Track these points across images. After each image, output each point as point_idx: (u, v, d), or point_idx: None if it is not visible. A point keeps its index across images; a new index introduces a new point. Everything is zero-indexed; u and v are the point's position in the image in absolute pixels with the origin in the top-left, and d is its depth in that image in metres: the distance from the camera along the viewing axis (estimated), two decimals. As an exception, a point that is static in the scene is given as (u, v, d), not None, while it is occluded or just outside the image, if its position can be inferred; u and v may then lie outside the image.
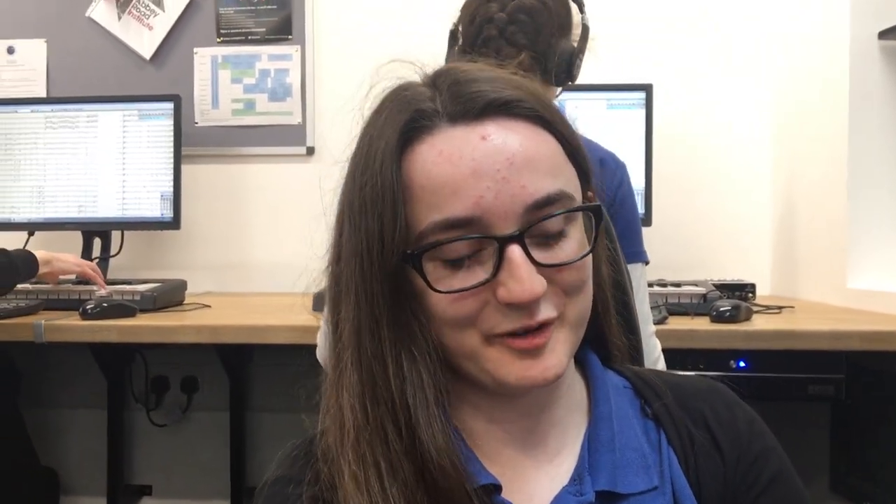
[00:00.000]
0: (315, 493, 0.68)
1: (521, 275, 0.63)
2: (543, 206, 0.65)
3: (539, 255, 0.64)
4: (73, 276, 2.15)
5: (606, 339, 0.80)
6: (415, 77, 0.73)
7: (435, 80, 0.70)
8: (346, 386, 0.68)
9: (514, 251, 0.63)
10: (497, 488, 0.68)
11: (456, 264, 0.65)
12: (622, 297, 1.27)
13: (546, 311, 0.65)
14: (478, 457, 0.70)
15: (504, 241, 0.64)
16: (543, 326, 0.65)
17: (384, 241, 0.65)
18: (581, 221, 0.69)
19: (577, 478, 0.70)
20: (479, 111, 0.66)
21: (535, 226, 0.64)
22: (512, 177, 0.64)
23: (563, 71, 1.45)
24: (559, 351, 0.66)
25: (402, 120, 0.67)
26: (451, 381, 0.69)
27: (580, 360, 0.78)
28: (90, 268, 2.12)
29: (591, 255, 0.69)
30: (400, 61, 0.74)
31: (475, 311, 0.65)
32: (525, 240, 0.64)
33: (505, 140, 0.65)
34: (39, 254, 2.00)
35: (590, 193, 0.73)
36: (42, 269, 1.99)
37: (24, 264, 1.94)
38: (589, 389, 0.76)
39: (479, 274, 0.65)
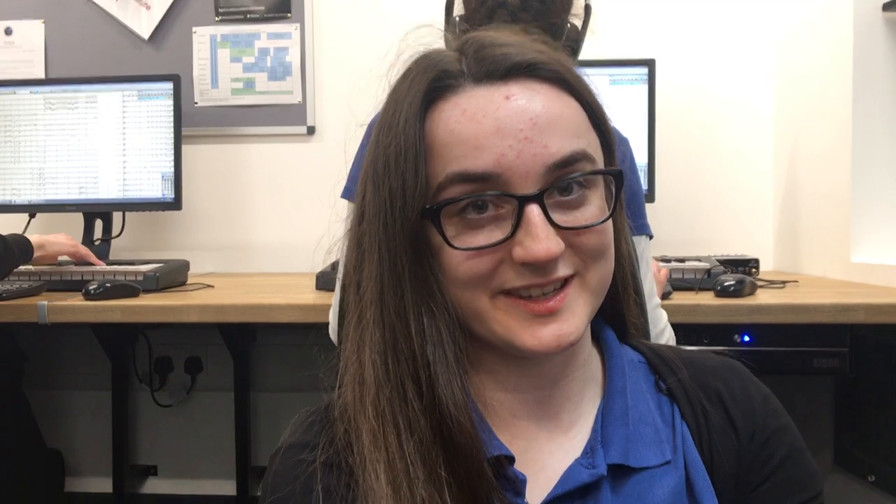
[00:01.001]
0: (329, 457, 0.68)
1: (538, 233, 0.63)
2: (565, 165, 0.65)
3: (558, 218, 0.65)
4: (70, 258, 2.16)
5: (624, 316, 0.80)
6: (440, 43, 0.73)
7: (462, 46, 0.71)
8: (369, 342, 0.68)
9: (533, 210, 0.64)
10: (510, 460, 0.68)
11: (475, 222, 0.66)
12: (631, 270, 1.27)
13: (562, 270, 0.65)
14: (491, 427, 0.70)
15: (524, 201, 0.64)
16: (559, 289, 0.66)
17: (406, 197, 0.66)
18: (602, 188, 0.69)
19: (589, 450, 0.70)
20: (503, 72, 0.67)
21: (556, 188, 0.65)
22: (535, 136, 0.64)
23: (570, 53, 1.45)
24: (578, 315, 0.67)
25: (427, 79, 0.68)
26: (468, 346, 0.70)
27: (597, 334, 0.78)
28: (83, 248, 2.15)
29: (612, 223, 0.69)
30: (428, 26, 0.74)
31: (489, 269, 0.66)
32: (545, 201, 0.64)
33: (529, 101, 0.66)
34: (33, 237, 2.02)
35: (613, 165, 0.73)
36: (37, 253, 2.01)
37: (19, 248, 1.94)
38: (604, 364, 0.76)
39: (497, 233, 0.65)
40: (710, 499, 0.69)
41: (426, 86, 0.68)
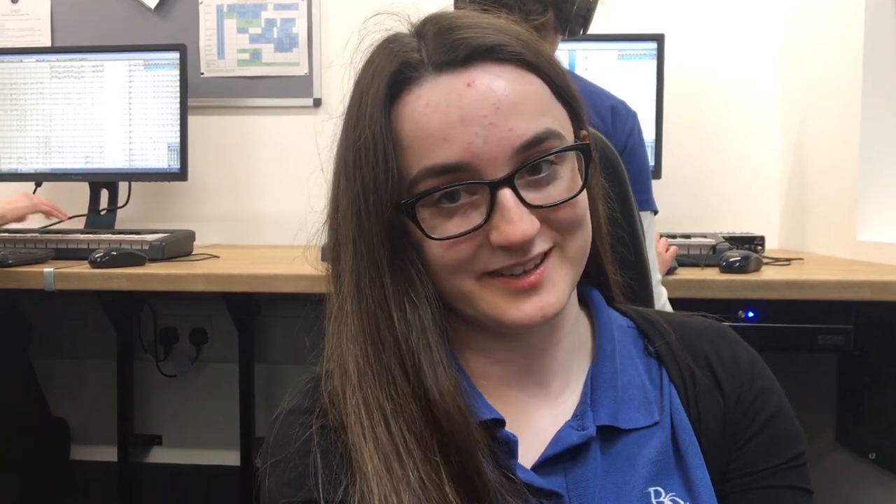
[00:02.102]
0: (326, 422, 0.70)
1: (513, 217, 0.64)
2: (532, 146, 0.66)
3: (531, 197, 0.66)
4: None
5: (607, 277, 0.81)
6: (402, 28, 0.73)
7: (420, 30, 0.71)
8: (347, 334, 0.69)
9: (506, 194, 0.65)
10: (500, 422, 0.70)
11: (451, 211, 0.67)
12: (635, 246, 1.27)
13: (540, 245, 0.67)
14: (482, 394, 0.71)
15: (495, 185, 0.65)
16: (539, 263, 0.67)
17: (379, 192, 0.67)
18: (572, 160, 0.70)
19: (579, 413, 0.72)
20: (463, 58, 0.67)
21: (526, 168, 0.66)
22: (499, 121, 0.65)
23: (580, 24, 1.45)
24: (559, 286, 0.68)
25: (389, 72, 0.68)
26: (454, 325, 0.72)
27: (584, 299, 0.79)
28: (44, 203, 2.18)
29: (586, 192, 0.70)
30: (386, 13, 0.74)
31: (470, 255, 0.67)
32: (516, 182, 0.65)
33: (490, 85, 0.66)
34: None
35: (583, 132, 0.74)
36: None
37: None
38: (593, 329, 0.78)
39: (474, 219, 0.66)
40: (696, 457, 0.71)
41: (388, 80, 0.68)
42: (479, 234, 0.66)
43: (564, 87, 0.71)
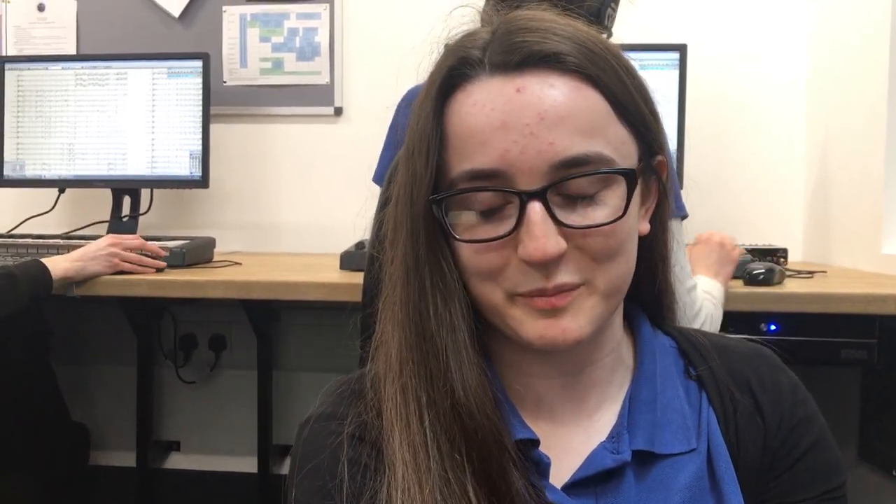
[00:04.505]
0: (355, 429, 0.70)
1: (536, 232, 0.62)
2: (572, 165, 0.63)
3: (564, 216, 0.64)
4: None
5: (661, 300, 0.79)
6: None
7: (497, 27, 0.69)
8: (394, 321, 0.70)
9: (535, 208, 0.63)
10: (535, 443, 0.69)
11: (485, 216, 0.66)
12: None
13: (564, 276, 0.64)
14: (517, 410, 0.71)
15: (525, 198, 0.63)
16: (565, 290, 0.65)
17: (415, 184, 0.68)
18: (624, 187, 0.66)
19: (615, 435, 0.70)
20: (517, 63, 0.65)
21: (562, 185, 0.63)
22: (541, 132, 0.63)
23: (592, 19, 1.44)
24: (582, 316, 0.66)
25: (448, 66, 0.68)
26: (490, 334, 0.71)
27: (629, 319, 0.78)
28: (138, 242, 1.91)
29: (649, 223, 0.70)
30: (467, 7, 0.74)
31: (498, 265, 0.66)
32: (549, 198, 0.63)
33: (540, 94, 0.64)
34: (61, 266, 1.75)
35: (660, 158, 0.71)
36: (56, 285, 1.74)
37: (30, 284, 1.68)
38: (635, 348, 0.76)
39: (503, 228, 0.65)
40: (732, 484, 0.69)
41: (444, 73, 0.68)
42: (506, 245, 0.65)
43: (631, 107, 0.68)
